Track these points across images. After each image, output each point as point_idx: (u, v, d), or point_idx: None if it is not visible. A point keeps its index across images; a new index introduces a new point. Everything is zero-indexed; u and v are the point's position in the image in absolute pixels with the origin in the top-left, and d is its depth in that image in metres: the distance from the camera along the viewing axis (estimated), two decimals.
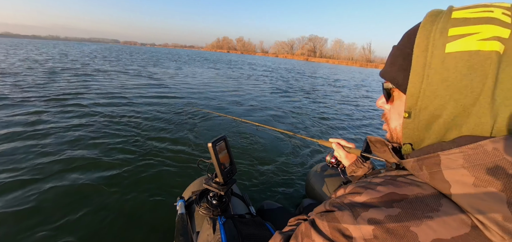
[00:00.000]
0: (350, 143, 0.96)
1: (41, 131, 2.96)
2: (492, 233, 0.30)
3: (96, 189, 1.96)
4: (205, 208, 1.10)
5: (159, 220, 1.71)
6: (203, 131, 3.51)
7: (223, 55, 62.59)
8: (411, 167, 0.41)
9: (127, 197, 1.91)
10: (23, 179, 1.99)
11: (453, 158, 0.35)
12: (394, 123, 0.50)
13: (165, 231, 1.61)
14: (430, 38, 0.37)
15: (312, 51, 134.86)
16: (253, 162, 2.67)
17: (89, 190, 1.94)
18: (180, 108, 4.64)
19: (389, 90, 0.49)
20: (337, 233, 0.39)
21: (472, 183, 0.32)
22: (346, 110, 6.19)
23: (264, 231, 0.96)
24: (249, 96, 6.77)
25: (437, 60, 0.36)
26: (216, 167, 1.04)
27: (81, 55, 18.51)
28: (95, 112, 3.97)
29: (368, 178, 0.48)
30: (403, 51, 0.43)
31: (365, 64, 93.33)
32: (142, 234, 1.59)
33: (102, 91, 5.65)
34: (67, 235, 1.52)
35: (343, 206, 0.41)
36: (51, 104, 4.16)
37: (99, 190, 1.96)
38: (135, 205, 1.83)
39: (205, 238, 0.93)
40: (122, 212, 1.75)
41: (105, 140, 2.89)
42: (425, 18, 0.40)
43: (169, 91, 6.40)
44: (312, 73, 19.69)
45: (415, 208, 0.35)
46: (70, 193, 1.89)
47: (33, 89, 5.18)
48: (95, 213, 1.72)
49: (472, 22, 0.34)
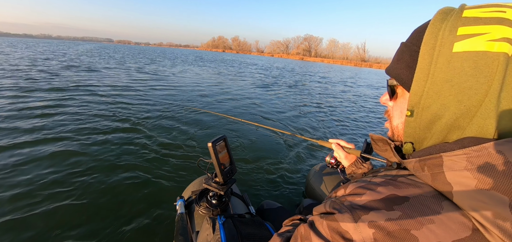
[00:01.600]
0: (350, 144, 0.97)
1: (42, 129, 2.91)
2: (493, 236, 0.30)
3: (94, 189, 1.94)
4: (204, 207, 1.10)
5: (159, 219, 1.70)
6: (203, 131, 3.50)
7: (218, 55, 62.32)
8: (412, 168, 0.41)
9: (126, 196, 1.90)
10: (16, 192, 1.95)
11: (456, 160, 0.34)
12: (396, 120, 0.50)
13: (165, 231, 1.60)
14: (438, 36, 0.37)
15: (307, 50, 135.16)
16: (253, 162, 2.67)
17: (87, 191, 1.91)
18: (179, 108, 4.61)
19: (393, 87, 0.49)
20: (337, 235, 0.39)
21: (474, 185, 0.32)
22: (346, 111, 6.24)
23: (263, 231, 0.96)
24: (249, 96, 6.76)
25: (443, 59, 0.36)
26: (216, 167, 1.04)
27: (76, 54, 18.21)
28: (92, 109, 3.92)
29: (368, 177, 0.47)
30: (410, 48, 0.43)
31: (359, 64, 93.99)
32: (142, 233, 1.58)
33: (98, 89, 5.58)
34: (65, 235, 1.51)
35: (343, 208, 0.41)
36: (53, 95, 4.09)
37: (98, 189, 1.94)
38: (134, 204, 1.82)
39: (205, 237, 0.93)
40: (121, 212, 1.74)
41: (104, 139, 2.86)
42: (435, 16, 0.39)
43: (167, 91, 6.36)
44: (309, 72, 19.77)
45: (416, 210, 0.35)
46: (67, 193, 1.86)
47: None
48: (94, 213, 1.70)
49: (483, 22, 0.34)
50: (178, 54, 36.48)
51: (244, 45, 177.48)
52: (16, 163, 2.18)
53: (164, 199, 1.90)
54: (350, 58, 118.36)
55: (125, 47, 74.17)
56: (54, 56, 14.80)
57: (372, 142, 0.55)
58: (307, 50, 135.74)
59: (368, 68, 67.76)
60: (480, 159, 0.32)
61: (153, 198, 1.91)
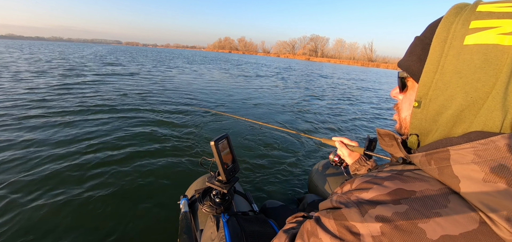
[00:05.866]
0: (353, 141, 0.96)
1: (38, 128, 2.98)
2: (501, 229, 0.30)
3: (97, 187, 1.97)
4: (208, 206, 1.11)
5: (163, 218, 1.72)
6: (206, 130, 3.53)
7: (224, 55, 62.63)
8: (419, 162, 0.41)
9: (129, 196, 1.92)
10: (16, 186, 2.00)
11: (463, 153, 0.34)
12: (405, 112, 0.50)
13: (169, 229, 1.61)
14: (451, 29, 0.37)
15: (313, 50, 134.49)
16: (256, 160, 2.68)
17: (89, 189, 1.94)
18: (182, 107, 4.66)
19: (403, 79, 0.49)
20: (344, 230, 0.39)
21: (482, 178, 0.32)
22: (349, 109, 6.18)
23: (267, 228, 0.96)
24: (252, 95, 6.78)
25: (454, 51, 0.36)
26: (219, 166, 1.04)
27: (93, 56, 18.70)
28: (97, 109, 4.00)
29: (374, 172, 0.47)
30: (423, 41, 0.43)
31: (366, 64, 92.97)
32: (146, 232, 1.60)
33: (105, 90, 5.68)
34: (66, 234, 1.53)
35: (350, 203, 0.41)
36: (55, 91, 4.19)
37: (100, 188, 1.97)
38: (138, 204, 1.84)
39: (209, 235, 0.94)
40: (124, 211, 1.76)
41: (107, 138, 2.91)
42: (450, 10, 0.39)
43: (170, 90, 6.43)
44: (315, 72, 19.67)
45: (423, 204, 0.35)
46: (70, 192, 1.90)
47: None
48: (97, 212, 1.73)
49: (496, 16, 0.34)
50: (187, 55, 36.92)
51: (250, 45, 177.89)
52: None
53: (168, 198, 1.91)
54: (357, 58, 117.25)
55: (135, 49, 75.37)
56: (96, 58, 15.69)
57: (378, 137, 0.56)
58: (313, 50, 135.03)
59: (375, 68, 66.96)
60: (487, 152, 0.32)
61: (156, 197, 1.93)
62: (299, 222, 0.63)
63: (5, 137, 2.73)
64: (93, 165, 2.29)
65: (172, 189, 2.03)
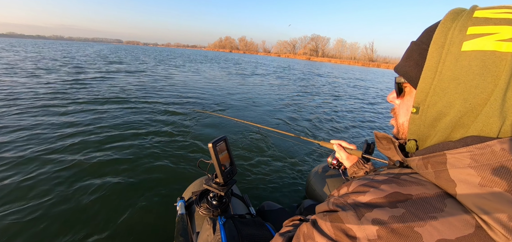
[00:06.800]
0: (351, 145, 0.96)
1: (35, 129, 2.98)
2: (496, 233, 0.30)
3: (94, 189, 1.96)
4: (205, 208, 1.10)
5: (159, 220, 1.71)
6: (204, 132, 3.52)
7: (225, 55, 62.67)
8: (416, 165, 0.41)
9: (126, 197, 1.92)
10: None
11: (460, 158, 0.34)
12: (402, 118, 0.50)
13: (165, 232, 1.61)
14: (448, 35, 0.37)
15: (314, 50, 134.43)
16: (254, 163, 2.67)
17: (86, 192, 1.93)
18: (180, 109, 4.65)
19: (401, 84, 0.49)
20: (340, 233, 0.39)
21: (478, 183, 0.32)
22: (347, 111, 6.17)
23: (264, 232, 0.95)
24: (250, 96, 6.77)
25: (451, 57, 0.36)
26: (216, 168, 1.04)
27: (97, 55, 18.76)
28: (94, 110, 4.00)
29: (371, 175, 0.47)
30: (420, 46, 0.43)
31: (367, 64, 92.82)
32: (142, 234, 1.59)
33: (100, 91, 5.69)
34: (63, 237, 1.52)
35: (346, 206, 0.41)
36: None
37: (96, 191, 1.95)
38: (135, 205, 1.83)
39: (205, 238, 0.93)
40: (121, 212, 1.75)
41: (104, 139, 2.90)
42: (446, 16, 0.39)
43: (168, 91, 6.43)
44: (315, 72, 19.66)
45: (419, 208, 0.35)
46: (66, 194, 1.89)
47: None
48: (93, 214, 1.72)
49: (493, 22, 0.34)
50: (188, 54, 36.95)
51: (251, 45, 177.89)
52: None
53: (164, 200, 1.91)
54: (357, 58, 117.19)
55: (136, 48, 75.48)
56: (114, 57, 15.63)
57: (376, 140, 0.56)
58: (314, 50, 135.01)
59: (376, 68, 66.94)
60: (483, 157, 0.32)
61: (153, 199, 1.92)
62: (296, 225, 0.63)
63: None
64: (89, 165, 2.29)
65: (169, 191, 2.03)
